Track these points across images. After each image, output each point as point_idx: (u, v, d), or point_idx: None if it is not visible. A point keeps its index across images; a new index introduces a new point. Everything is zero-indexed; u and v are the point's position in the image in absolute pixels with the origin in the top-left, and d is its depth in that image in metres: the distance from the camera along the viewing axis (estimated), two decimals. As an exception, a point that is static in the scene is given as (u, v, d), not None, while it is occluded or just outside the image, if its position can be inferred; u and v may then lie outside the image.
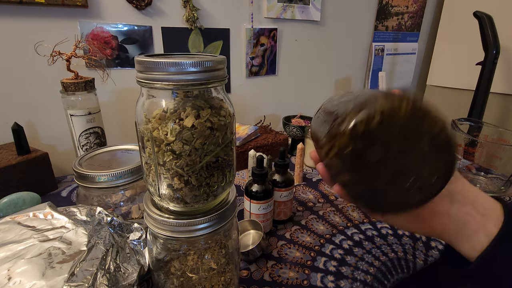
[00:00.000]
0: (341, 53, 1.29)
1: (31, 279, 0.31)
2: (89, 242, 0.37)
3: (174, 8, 0.86)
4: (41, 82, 0.75)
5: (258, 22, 1.03)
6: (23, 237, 0.36)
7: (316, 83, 1.27)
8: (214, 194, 0.32)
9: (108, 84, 0.78)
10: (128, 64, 0.84)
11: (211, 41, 0.96)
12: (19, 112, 0.75)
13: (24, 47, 0.70)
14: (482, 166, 0.76)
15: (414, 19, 1.44)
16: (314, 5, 1.10)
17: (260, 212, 0.56)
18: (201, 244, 0.34)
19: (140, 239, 0.43)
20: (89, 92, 0.64)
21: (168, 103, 0.29)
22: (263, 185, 0.55)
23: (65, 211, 0.43)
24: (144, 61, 0.27)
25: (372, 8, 1.30)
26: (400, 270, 0.51)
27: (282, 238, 0.58)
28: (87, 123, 0.65)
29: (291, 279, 0.48)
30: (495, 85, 1.11)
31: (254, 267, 0.50)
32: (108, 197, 0.50)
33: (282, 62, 1.14)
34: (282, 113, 1.19)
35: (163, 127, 0.28)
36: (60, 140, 0.81)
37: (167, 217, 0.31)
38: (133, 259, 0.39)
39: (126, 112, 0.88)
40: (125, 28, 0.81)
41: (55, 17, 0.72)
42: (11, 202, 0.52)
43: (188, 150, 0.28)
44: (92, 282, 0.32)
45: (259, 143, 0.85)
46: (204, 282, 0.35)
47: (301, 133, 0.95)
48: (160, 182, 0.31)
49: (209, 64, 0.27)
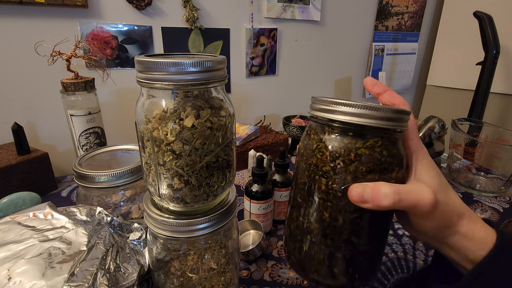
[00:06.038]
0: (341, 53, 1.29)
1: (31, 279, 0.31)
2: (89, 242, 0.37)
3: (174, 8, 0.86)
4: (41, 82, 0.75)
5: (258, 22, 1.03)
6: (23, 237, 0.36)
7: (316, 83, 1.27)
8: (214, 194, 0.32)
9: (108, 84, 0.78)
10: (128, 64, 0.84)
11: (211, 41, 0.96)
12: (19, 112, 0.75)
13: (24, 47, 0.70)
14: (482, 166, 0.76)
15: (414, 19, 1.44)
16: (314, 5, 1.10)
17: (260, 212, 0.56)
18: (201, 244, 0.34)
19: (140, 239, 0.43)
20: (89, 92, 0.64)
21: (168, 103, 0.29)
22: (263, 185, 0.55)
23: (65, 211, 0.43)
24: (144, 61, 0.27)
25: (372, 8, 1.30)
26: (400, 270, 0.51)
27: (282, 238, 0.58)
28: (87, 123, 0.65)
29: (291, 279, 0.48)
30: (495, 85, 1.11)
31: (254, 267, 0.50)
32: (108, 197, 0.50)
33: (282, 62, 1.14)
34: (282, 113, 1.19)
35: (163, 127, 0.28)
36: (60, 140, 0.81)
37: (167, 217, 0.31)
38: (133, 259, 0.39)
39: (126, 112, 0.88)
40: (125, 28, 0.81)
41: (55, 17, 0.72)
42: (11, 202, 0.52)
43: (188, 150, 0.28)
44: (92, 282, 0.32)
45: (259, 143, 0.85)
46: (204, 282, 0.35)
47: (301, 133, 0.95)
48: (160, 182, 0.31)
49: (209, 64, 0.27)
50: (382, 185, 0.24)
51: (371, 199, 0.23)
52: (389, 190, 0.23)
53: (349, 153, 0.24)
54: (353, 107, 0.23)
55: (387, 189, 0.24)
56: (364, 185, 0.24)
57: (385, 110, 0.24)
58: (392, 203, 0.23)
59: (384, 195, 0.23)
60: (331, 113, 0.25)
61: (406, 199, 0.24)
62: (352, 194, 0.24)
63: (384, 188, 0.24)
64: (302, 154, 0.28)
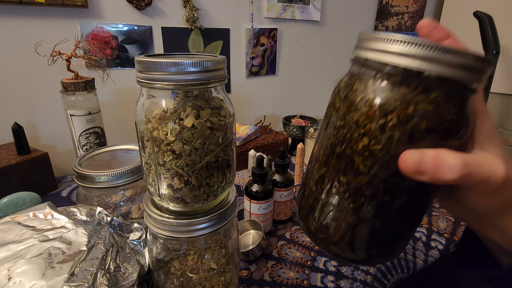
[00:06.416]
0: (341, 53, 1.29)
1: (31, 279, 0.31)
2: (89, 242, 0.37)
3: (174, 8, 0.86)
4: (41, 82, 0.75)
5: (258, 22, 1.03)
6: (23, 237, 0.36)
7: (316, 83, 1.27)
8: (214, 194, 0.32)
9: (108, 84, 0.78)
10: (128, 64, 0.84)
11: (211, 41, 0.96)
12: (19, 112, 0.75)
13: (24, 47, 0.70)
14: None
15: (414, 19, 1.44)
16: (314, 5, 1.10)
17: (260, 212, 0.56)
18: (201, 244, 0.34)
19: (140, 239, 0.43)
20: (89, 92, 0.64)
21: (168, 103, 0.29)
22: (263, 185, 0.55)
23: (65, 211, 0.43)
24: (144, 61, 0.27)
25: (372, 8, 1.30)
26: (400, 270, 0.51)
27: (282, 238, 0.58)
28: (87, 123, 0.65)
29: (291, 279, 0.48)
30: (495, 85, 1.11)
31: (254, 267, 0.50)
32: (108, 197, 0.50)
33: (282, 62, 1.14)
34: (282, 113, 1.19)
35: (163, 127, 0.28)
36: (60, 140, 0.81)
37: (167, 217, 0.31)
38: (133, 259, 0.39)
39: (126, 112, 0.88)
40: (125, 28, 0.81)
41: (55, 17, 0.72)
42: (11, 202, 0.52)
43: (188, 150, 0.28)
44: (92, 282, 0.32)
45: (259, 143, 0.85)
46: (204, 282, 0.35)
47: (301, 133, 0.95)
48: (160, 182, 0.31)
49: (209, 64, 0.27)
50: (446, 153, 0.18)
51: (430, 170, 0.18)
52: (455, 160, 0.18)
53: (407, 106, 0.19)
54: (420, 48, 0.18)
55: (453, 159, 0.18)
56: (422, 152, 0.18)
57: (467, 55, 0.17)
58: (458, 177, 0.18)
59: (448, 167, 0.18)
60: (388, 54, 0.19)
61: (476, 173, 0.19)
62: (406, 163, 0.19)
63: (449, 158, 0.18)
64: (337, 109, 0.22)
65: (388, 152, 0.20)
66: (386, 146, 0.20)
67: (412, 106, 0.19)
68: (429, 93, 0.19)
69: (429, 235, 0.59)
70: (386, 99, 0.19)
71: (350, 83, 0.22)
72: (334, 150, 0.22)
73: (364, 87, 0.21)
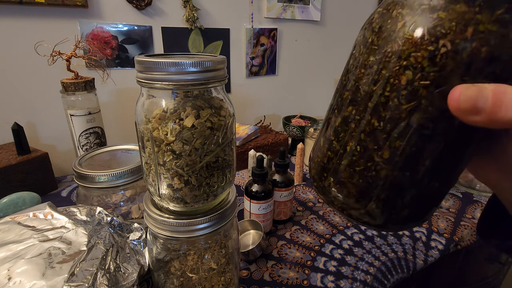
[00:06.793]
0: (341, 53, 1.29)
1: (31, 279, 0.31)
2: (89, 242, 0.37)
3: (174, 8, 0.86)
4: (41, 82, 0.75)
5: (258, 22, 1.03)
6: (23, 237, 0.36)
7: (316, 83, 1.27)
8: (214, 194, 0.32)
9: (108, 84, 0.78)
10: (128, 64, 0.84)
11: (211, 41, 0.96)
12: (19, 112, 0.75)
13: (24, 47, 0.70)
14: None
15: (414, 19, 1.44)
16: (314, 5, 1.10)
17: (260, 212, 0.56)
18: (201, 244, 0.34)
19: (140, 239, 0.43)
20: (89, 92, 0.64)
21: (168, 103, 0.29)
22: (263, 185, 0.55)
23: (65, 211, 0.43)
24: (144, 61, 0.27)
25: (372, 8, 1.30)
26: (400, 270, 0.51)
27: (282, 238, 0.58)
28: (87, 123, 0.65)
29: (291, 279, 0.48)
30: None
31: (254, 267, 0.50)
32: (108, 197, 0.50)
33: (282, 62, 1.14)
34: (282, 113, 1.19)
35: (163, 127, 0.28)
36: (60, 140, 0.81)
37: (167, 217, 0.31)
38: (133, 259, 0.39)
39: (126, 112, 0.88)
40: (125, 28, 0.81)
41: (55, 17, 0.72)
42: (11, 202, 0.52)
43: (188, 150, 0.28)
44: (92, 282, 0.32)
45: (259, 143, 0.85)
46: (204, 282, 0.35)
47: (301, 133, 0.95)
48: (160, 182, 0.31)
49: (209, 64, 0.27)
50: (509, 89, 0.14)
51: (489, 108, 0.14)
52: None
53: (464, 28, 0.15)
54: None
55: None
56: (479, 86, 0.15)
57: None
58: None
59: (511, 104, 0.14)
60: None
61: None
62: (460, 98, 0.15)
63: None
64: (370, 43, 0.18)
65: (437, 87, 0.16)
66: (435, 80, 0.16)
67: (471, 27, 0.15)
68: (493, 10, 0.15)
69: (429, 235, 0.59)
70: (437, 21, 0.15)
71: (387, 11, 0.18)
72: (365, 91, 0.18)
73: (408, 10, 0.17)
